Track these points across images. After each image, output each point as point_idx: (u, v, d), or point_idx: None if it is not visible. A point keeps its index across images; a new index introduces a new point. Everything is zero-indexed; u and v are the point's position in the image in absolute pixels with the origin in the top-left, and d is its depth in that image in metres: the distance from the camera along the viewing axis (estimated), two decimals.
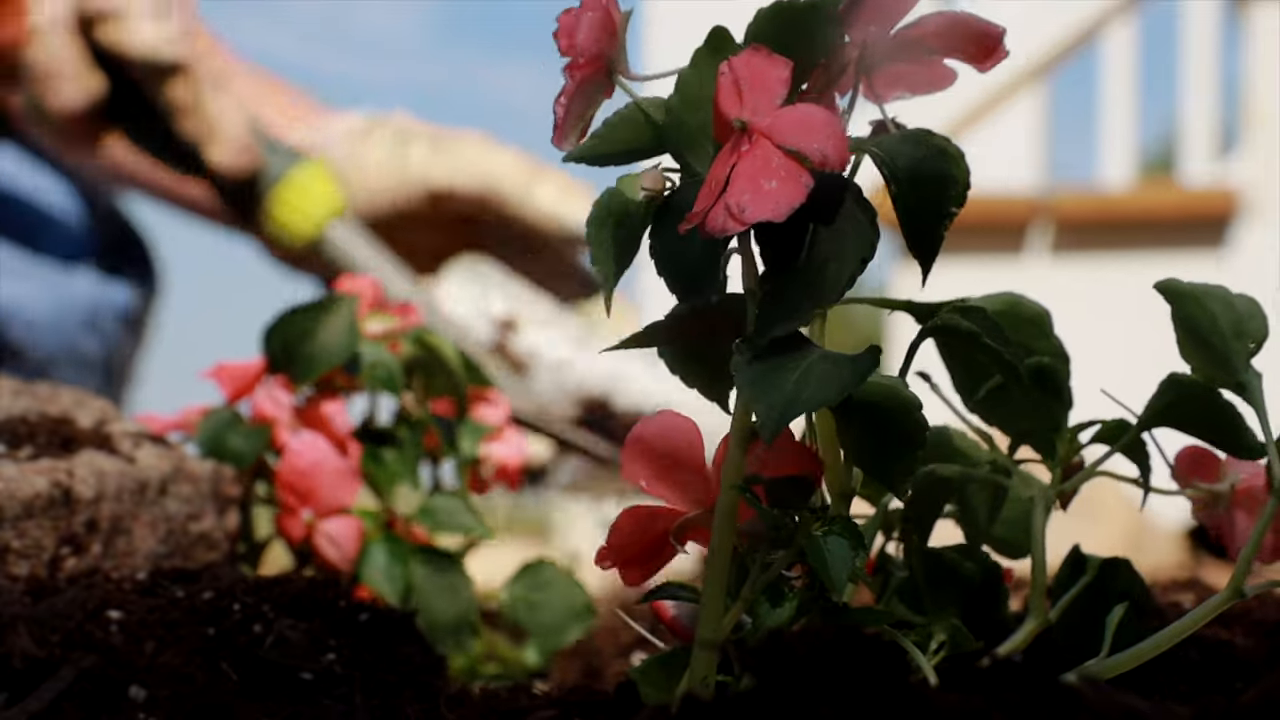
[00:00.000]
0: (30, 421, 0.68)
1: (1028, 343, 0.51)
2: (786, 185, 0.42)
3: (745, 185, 0.42)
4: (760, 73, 0.43)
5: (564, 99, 0.46)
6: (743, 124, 0.43)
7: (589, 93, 0.46)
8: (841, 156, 0.42)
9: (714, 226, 0.42)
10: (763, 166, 0.42)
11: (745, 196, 0.42)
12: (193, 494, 0.70)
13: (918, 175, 0.44)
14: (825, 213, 0.43)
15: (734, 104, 0.43)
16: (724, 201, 0.42)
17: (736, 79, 0.43)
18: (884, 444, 0.45)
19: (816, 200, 0.42)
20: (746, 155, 0.42)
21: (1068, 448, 0.51)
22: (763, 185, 0.42)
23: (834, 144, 0.42)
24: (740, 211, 0.42)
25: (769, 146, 0.42)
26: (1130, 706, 0.36)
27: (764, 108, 0.43)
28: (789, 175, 0.42)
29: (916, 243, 0.44)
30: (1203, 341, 0.49)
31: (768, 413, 0.42)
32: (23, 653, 0.50)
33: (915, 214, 0.44)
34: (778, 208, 0.42)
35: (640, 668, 0.48)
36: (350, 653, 0.54)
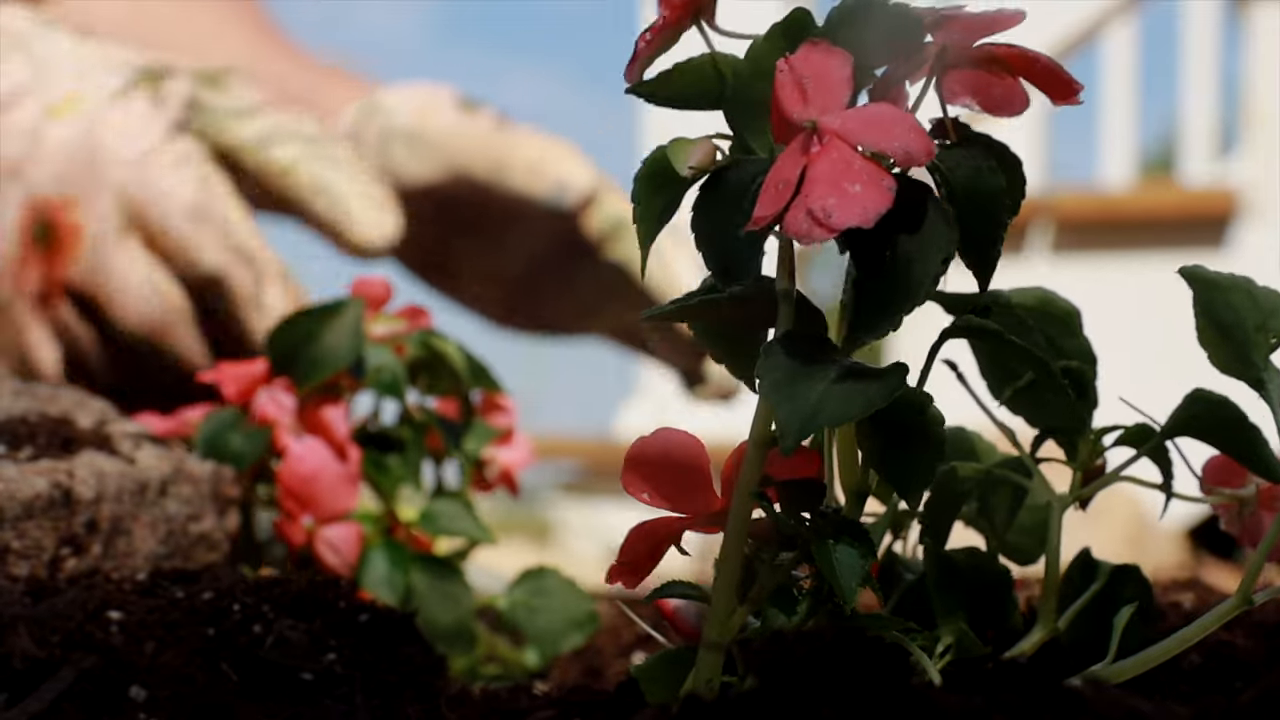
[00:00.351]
0: (30, 422, 0.68)
1: (1056, 341, 0.51)
2: (871, 189, 0.41)
3: (827, 189, 0.41)
4: (823, 70, 0.42)
5: (650, 34, 0.46)
6: (813, 124, 0.42)
7: (672, 34, 0.46)
8: (926, 149, 0.41)
9: (796, 232, 0.41)
10: (843, 170, 0.41)
11: (830, 201, 0.41)
12: (193, 495, 0.70)
13: (976, 189, 0.43)
14: (904, 214, 0.42)
15: (797, 103, 0.42)
16: (803, 206, 0.41)
17: (798, 77, 0.42)
18: (903, 456, 0.45)
19: (898, 202, 0.41)
20: (820, 157, 0.41)
21: (1090, 450, 0.51)
22: (846, 189, 0.41)
23: (915, 139, 0.41)
24: (826, 217, 0.41)
25: (845, 148, 0.41)
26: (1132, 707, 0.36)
27: (831, 107, 0.42)
28: (872, 178, 0.41)
29: (974, 257, 0.44)
30: (1225, 332, 0.48)
31: (788, 422, 0.42)
32: (23, 653, 0.50)
33: (972, 227, 0.44)
34: (866, 213, 0.41)
35: (642, 666, 0.48)
36: (351, 653, 0.54)
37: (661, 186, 0.45)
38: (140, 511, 0.67)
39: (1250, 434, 0.48)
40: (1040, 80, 0.45)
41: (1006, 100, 0.46)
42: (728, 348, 0.47)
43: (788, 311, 0.44)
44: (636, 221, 0.45)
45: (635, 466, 0.46)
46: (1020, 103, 0.45)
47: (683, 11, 0.46)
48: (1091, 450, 0.51)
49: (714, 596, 0.45)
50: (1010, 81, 0.45)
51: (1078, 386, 0.51)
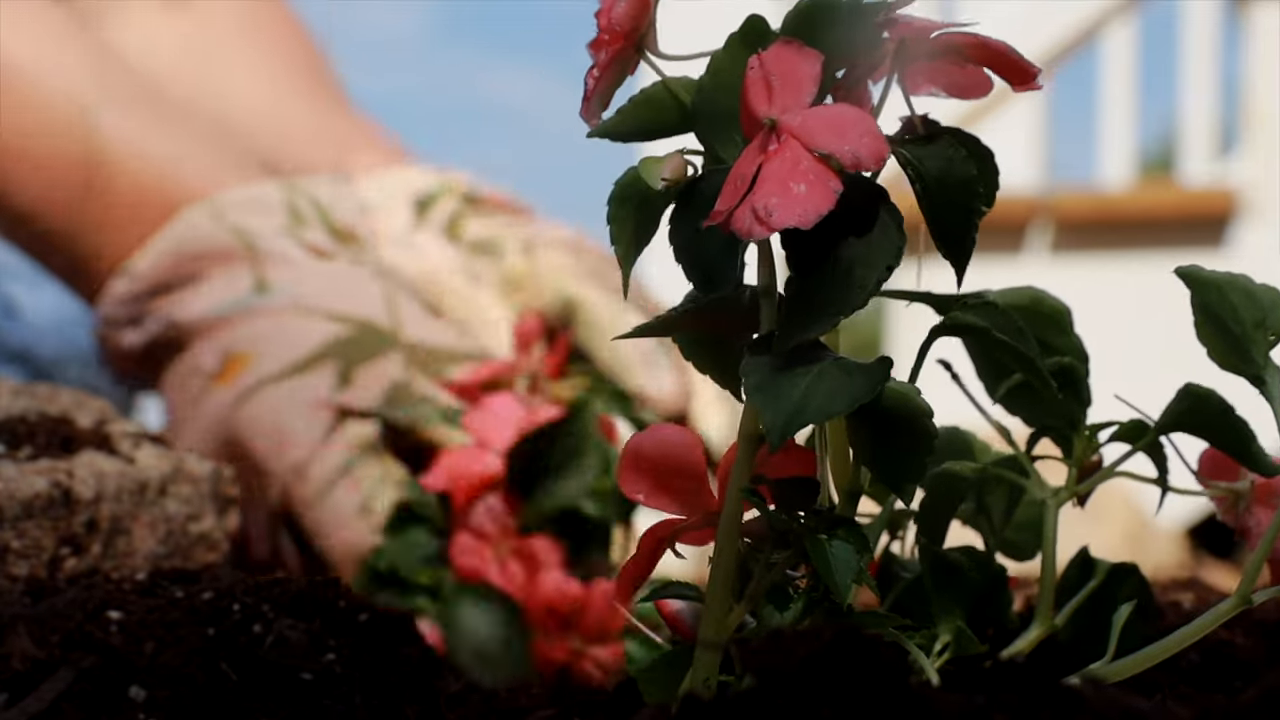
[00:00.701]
0: (30, 421, 0.68)
1: (1047, 339, 0.51)
2: (815, 190, 0.41)
3: (773, 188, 0.41)
4: (791, 68, 0.42)
5: (596, 71, 0.46)
6: (772, 122, 0.42)
7: (619, 68, 0.46)
8: (876, 155, 0.41)
9: (739, 228, 0.41)
10: (791, 169, 0.41)
11: (772, 200, 0.41)
12: (192, 494, 0.70)
13: (947, 179, 0.44)
14: (852, 216, 0.42)
15: (763, 100, 0.42)
16: (749, 203, 0.41)
17: (767, 74, 0.42)
18: (893, 450, 0.45)
19: (844, 204, 0.41)
20: (775, 155, 0.42)
21: (1085, 447, 0.51)
22: (791, 189, 0.41)
23: (867, 144, 0.41)
24: (767, 215, 0.41)
25: (798, 148, 0.41)
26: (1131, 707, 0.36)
27: (794, 105, 0.42)
28: (818, 179, 0.41)
29: (949, 247, 0.44)
30: (1223, 330, 0.48)
31: (774, 419, 0.42)
32: (22, 653, 0.50)
33: (945, 219, 0.44)
34: (805, 214, 0.41)
35: (641, 666, 0.48)
36: (350, 653, 0.54)
37: (636, 208, 0.45)
38: (140, 511, 0.67)
39: (1239, 427, 0.48)
40: (998, 67, 0.45)
41: (971, 84, 0.46)
42: (713, 358, 0.48)
43: (770, 310, 0.44)
44: (613, 243, 0.46)
45: (631, 464, 0.46)
46: (984, 85, 0.46)
47: (623, 45, 0.46)
48: (1086, 447, 0.51)
49: (709, 596, 0.45)
50: (971, 69, 0.46)
51: (1070, 384, 0.51)
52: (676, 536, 0.47)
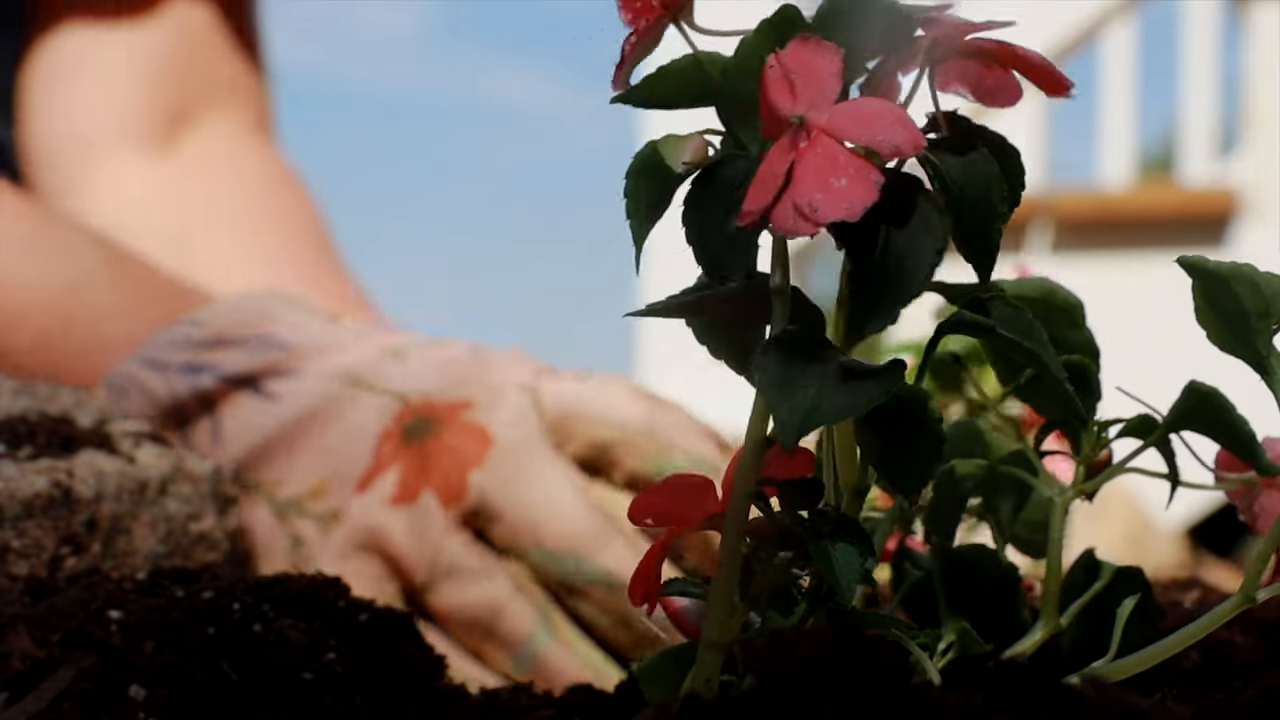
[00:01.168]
0: (30, 421, 0.68)
1: (1059, 333, 0.51)
2: (857, 183, 0.41)
3: (813, 183, 0.41)
4: (812, 65, 0.42)
5: (634, 37, 0.46)
6: (800, 119, 0.42)
7: (654, 38, 0.46)
8: (913, 143, 0.41)
9: (783, 226, 0.41)
10: (829, 164, 0.41)
11: (816, 196, 0.41)
12: (193, 494, 0.70)
13: (970, 177, 0.43)
14: (893, 208, 0.42)
15: (786, 98, 0.42)
16: (791, 201, 0.41)
17: (787, 71, 0.42)
18: (901, 455, 0.45)
19: (885, 195, 0.41)
20: (808, 152, 0.41)
21: (1094, 443, 0.51)
22: (832, 184, 0.41)
23: (903, 132, 0.41)
24: (812, 212, 0.41)
25: (832, 143, 0.41)
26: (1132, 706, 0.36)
27: (820, 102, 0.42)
28: (858, 173, 0.41)
29: (972, 248, 0.44)
30: (1226, 319, 0.48)
31: (789, 419, 0.41)
32: (22, 652, 0.50)
33: (969, 220, 0.44)
34: (852, 207, 0.41)
35: (643, 666, 0.48)
36: (351, 653, 0.54)
37: (652, 182, 0.45)
38: (140, 510, 0.67)
39: (1240, 426, 0.48)
40: (1032, 74, 0.45)
41: (1000, 90, 0.46)
42: (725, 344, 0.47)
43: (783, 309, 0.44)
44: (628, 217, 0.45)
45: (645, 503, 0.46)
46: (1014, 92, 0.45)
47: (657, 14, 0.46)
48: (1095, 443, 0.51)
49: (712, 596, 0.45)
50: (1002, 72, 0.45)
51: (1080, 379, 0.50)
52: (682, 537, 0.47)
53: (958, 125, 0.45)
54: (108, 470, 0.66)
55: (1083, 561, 0.53)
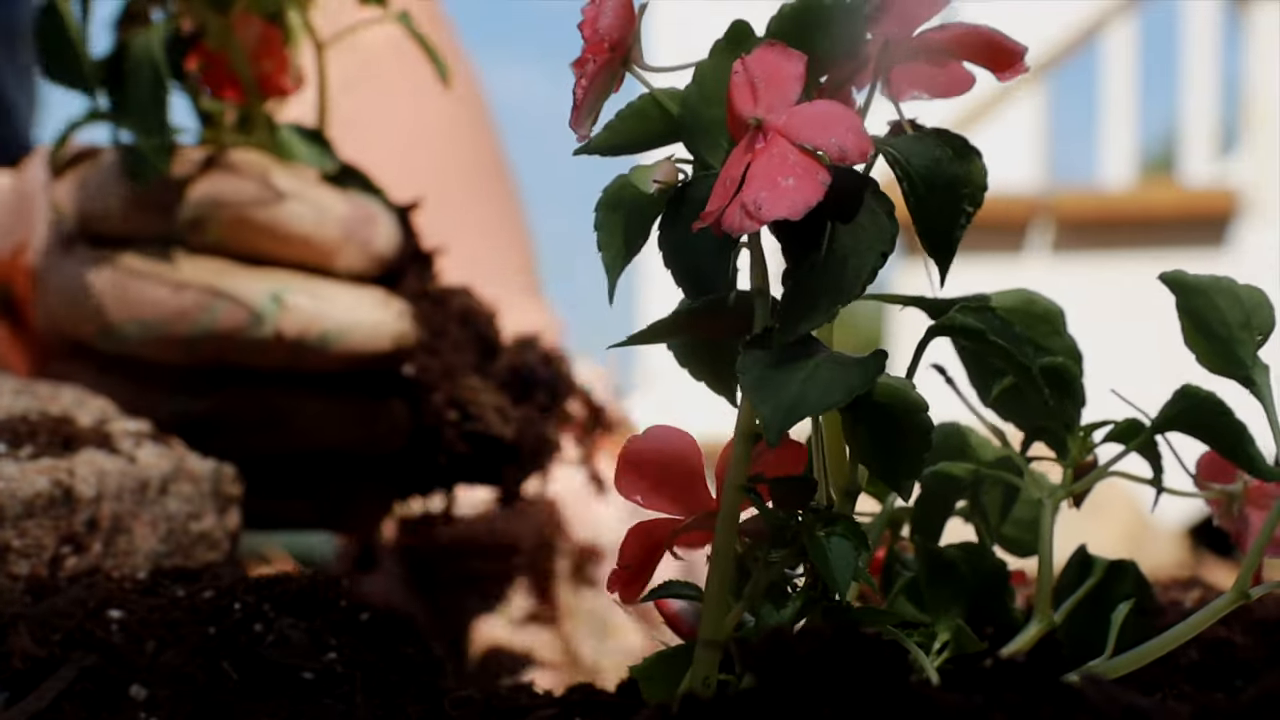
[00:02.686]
0: (31, 420, 0.68)
1: (1040, 340, 0.51)
2: (803, 182, 0.41)
3: (761, 183, 0.42)
4: (775, 70, 0.42)
5: (585, 82, 0.46)
6: (758, 121, 0.42)
7: (606, 81, 0.46)
8: (861, 149, 0.42)
9: (730, 225, 0.42)
10: (779, 164, 0.42)
11: (762, 194, 0.41)
12: (193, 493, 0.70)
13: (934, 177, 0.44)
14: (843, 208, 0.43)
15: (748, 102, 0.43)
16: (739, 200, 0.42)
17: (751, 77, 0.43)
18: (890, 446, 0.45)
19: (834, 196, 0.42)
20: (762, 153, 0.42)
21: (1080, 447, 0.51)
22: (779, 183, 0.41)
23: (852, 137, 0.42)
24: (756, 210, 0.41)
25: (785, 144, 0.42)
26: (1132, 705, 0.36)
27: (779, 105, 0.42)
28: (806, 172, 0.41)
29: (933, 245, 0.44)
30: (1209, 333, 0.48)
31: (772, 414, 0.42)
32: (23, 652, 0.50)
33: (931, 216, 0.44)
34: (794, 205, 0.41)
35: (642, 666, 0.48)
36: (351, 652, 0.54)
37: (624, 215, 0.45)
38: (141, 510, 0.67)
39: (1236, 429, 0.48)
40: (982, 56, 0.45)
41: (954, 84, 0.46)
42: (708, 363, 0.48)
43: (764, 309, 0.44)
44: (601, 249, 0.46)
45: (628, 468, 0.46)
46: (965, 82, 0.46)
47: (610, 58, 0.46)
48: (1081, 446, 0.51)
49: (707, 595, 0.45)
50: (953, 66, 0.46)
51: (1063, 384, 0.51)
52: (675, 536, 0.47)
53: (920, 129, 0.45)
54: (108, 470, 0.66)
55: (1076, 558, 0.54)
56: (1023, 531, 0.54)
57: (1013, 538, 0.55)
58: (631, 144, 0.47)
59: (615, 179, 0.46)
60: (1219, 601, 0.48)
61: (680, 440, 0.46)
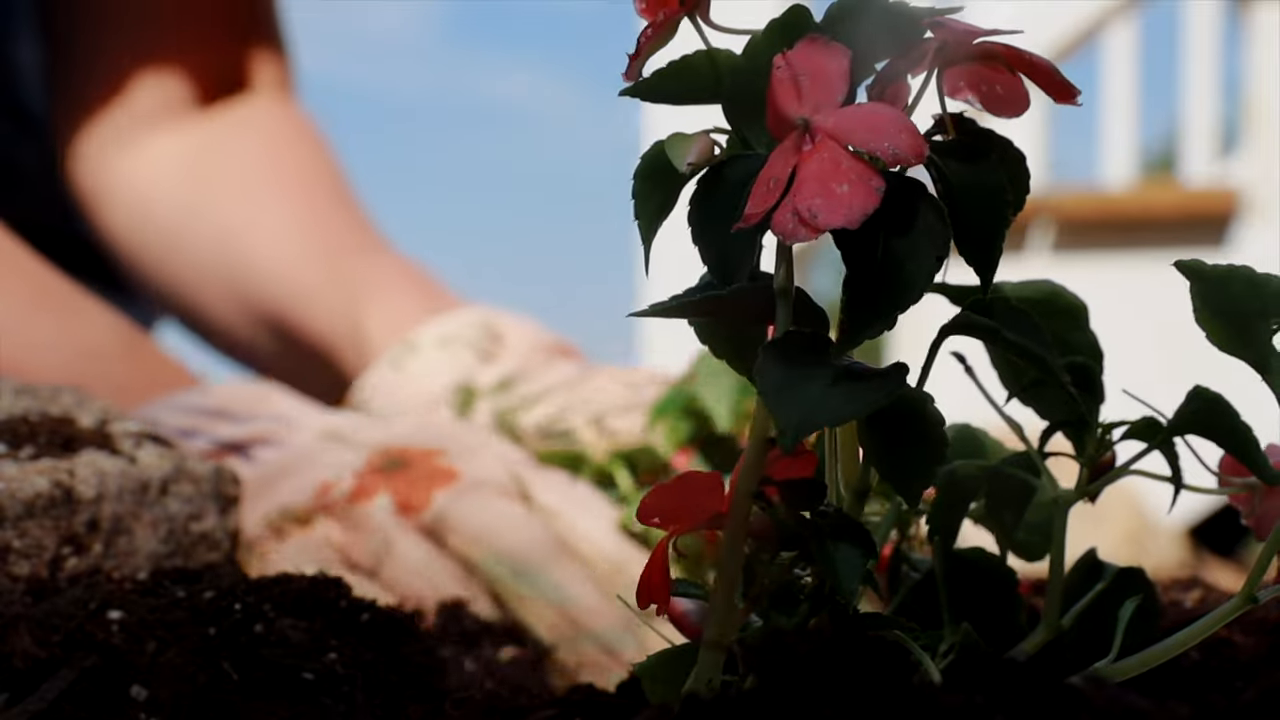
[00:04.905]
0: (31, 421, 0.68)
1: (1062, 335, 0.51)
2: (858, 189, 0.41)
3: (815, 189, 0.41)
4: (819, 66, 0.42)
5: (651, 30, 0.45)
6: (805, 122, 0.42)
7: (669, 31, 0.46)
8: (916, 151, 0.41)
9: (783, 232, 0.41)
10: (832, 169, 0.41)
11: (816, 201, 0.41)
12: (194, 494, 0.70)
13: (976, 185, 0.43)
14: (894, 213, 0.42)
15: (792, 99, 0.42)
16: (791, 205, 0.41)
17: (794, 72, 0.42)
18: (904, 457, 0.45)
19: (885, 201, 0.41)
20: (812, 156, 0.41)
21: (1097, 445, 0.51)
22: (833, 190, 0.41)
23: (907, 140, 0.41)
24: (812, 218, 0.41)
25: (836, 147, 0.41)
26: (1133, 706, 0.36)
27: (826, 104, 0.42)
28: (860, 178, 0.41)
29: (973, 254, 0.44)
30: (1226, 319, 0.48)
31: (789, 422, 0.41)
32: (24, 653, 0.50)
33: (973, 225, 0.43)
34: (851, 214, 0.40)
35: (644, 665, 0.48)
36: (352, 652, 0.54)
37: (659, 183, 0.45)
38: (141, 510, 0.67)
39: (1243, 432, 0.48)
40: (1039, 79, 0.45)
41: (1009, 98, 0.45)
42: (729, 344, 0.47)
43: (786, 310, 0.44)
44: (636, 217, 0.45)
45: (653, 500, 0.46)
46: (1022, 101, 0.45)
47: (674, 7, 0.45)
48: (1098, 445, 0.51)
49: (714, 596, 0.45)
50: (1012, 78, 0.45)
51: (1084, 381, 0.50)
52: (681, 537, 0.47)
53: (965, 129, 0.45)
54: (109, 470, 0.66)
55: (1084, 563, 0.53)
56: (1033, 535, 0.54)
57: (1023, 541, 0.55)
58: (676, 95, 0.46)
59: (653, 145, 0.45)
60: (1226, 605, 0.48)
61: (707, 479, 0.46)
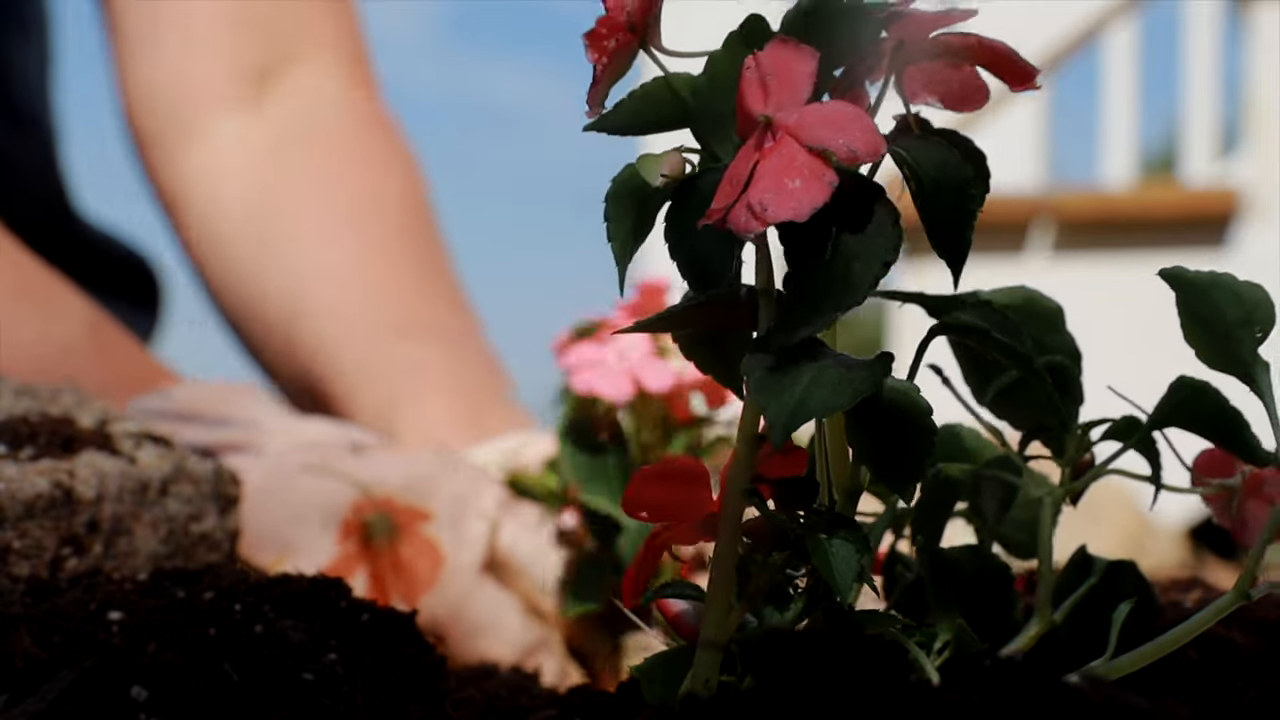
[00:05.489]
0: (31, 422, 0.68)
1: (1040, 338, 0.51)
2: (810, 184, 0.41)
3: (768, 183, 0.41)
4: (786, 67, 0.42)
5: (605, 59, 0.46)
6: (767, 120, 0.42)
7: (624, 60, 0.46)
8: (872, 149, 0.41)
9: (735, 225, 0.42)
10: (787, 164, 0.41)
11: (768, 195, 0.41)
12: (194, 494, 0.70)
13: (943, 179, 0.44)
14: (848, 212, 0.42)
15: (759, 99, 0.42)
16: (745, 199, 0.41)
17: (762, 73, 0.42)
18: (893, 448, 0.45)
19: (840, 199, 0.41)
20: (770, 152, 0.42)
21: (1078, 445, 0.51)
22: (786, 184, 0.41)
23: (864, 137, 0.41)
24: (762, 210, 0.41)
25: (794, 144, 0.42)
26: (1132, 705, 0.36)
27: (789, 103, 0.42)
28: (813, 174, 0.41)
29: (944, 246, 0.44)
30: (1209, 330, 0.48)
31: (777, 416, 0.42)
32: (24, 653, 0.50)
33: (941, 218, 0.44)
34: (799, 207, 0.41)
35: (643, 666, 0.48)
36: (352, 653, 0.54)
37: (633, 204, 0.45)
38: (141, 511, 0.67)
39: (1232, 419, 0.48)
40: (998, 68, 0.45)
41: (968, 94, 0.46)
42: (712, 356, 0.48)
43: (768, 310, 0.44)
44: (610, 239, 0.46)
45: (637, 489, 0.46)
46: (981, 95, 0.46)
47: (630, 38, 0.46)
48: (1078, 445, 0.51)
49: (709, 596, 0.45)
50: (969, 72, 0.46)
51: (1063, 383, 0.51)
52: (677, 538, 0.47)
53: (927, 127, 0.45)
54: (109, 471, 0.66)
55: (1076, 558, 0.54)
56: (1022, 533, 0.54)
57: (1012, 539, 0.55)
58: (640, 126, 0.46)
59: (624, 168, 0.46)
60: (1220, 601, 0.48)
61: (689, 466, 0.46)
